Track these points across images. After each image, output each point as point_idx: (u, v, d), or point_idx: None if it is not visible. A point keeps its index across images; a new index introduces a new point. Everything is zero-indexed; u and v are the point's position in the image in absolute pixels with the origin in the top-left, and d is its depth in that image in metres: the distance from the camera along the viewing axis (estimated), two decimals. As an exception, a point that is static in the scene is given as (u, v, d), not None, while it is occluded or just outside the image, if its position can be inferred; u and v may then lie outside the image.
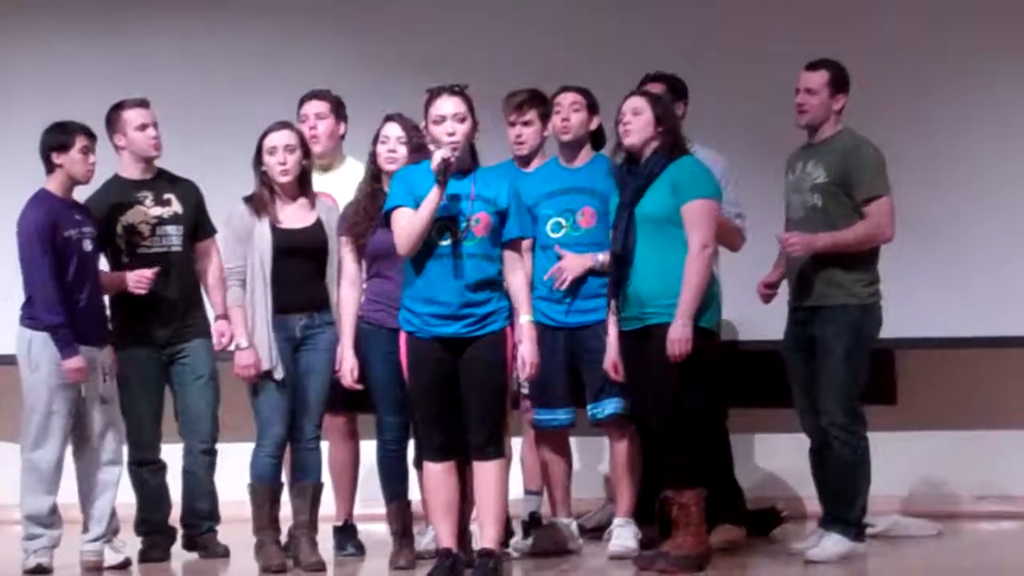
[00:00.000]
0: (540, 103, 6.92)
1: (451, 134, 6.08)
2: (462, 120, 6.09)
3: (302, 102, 7.10)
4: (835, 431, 6.54)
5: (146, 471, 6.99)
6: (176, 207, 6.99)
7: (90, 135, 6.70)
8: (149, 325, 6.91)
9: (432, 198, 6.03)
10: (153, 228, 6.96)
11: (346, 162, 7.15)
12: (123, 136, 6.98)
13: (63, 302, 6.57)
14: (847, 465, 6.55)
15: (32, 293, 6.63)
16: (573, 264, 6.73)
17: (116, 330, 6.88)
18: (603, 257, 6.61)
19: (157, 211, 6.97)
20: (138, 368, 6.90)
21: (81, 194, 6.87)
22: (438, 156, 6.04)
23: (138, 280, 6.84)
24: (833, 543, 6.54)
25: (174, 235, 6.97)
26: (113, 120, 6.99)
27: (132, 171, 7.02)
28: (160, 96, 7.18)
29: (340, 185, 6.90)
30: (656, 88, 6.96)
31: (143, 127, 6.95)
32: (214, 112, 7.92)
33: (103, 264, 6.97)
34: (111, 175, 7.04)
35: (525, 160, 6.95)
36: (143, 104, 6.99)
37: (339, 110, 7.12)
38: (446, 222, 6.08)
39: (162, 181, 7.03)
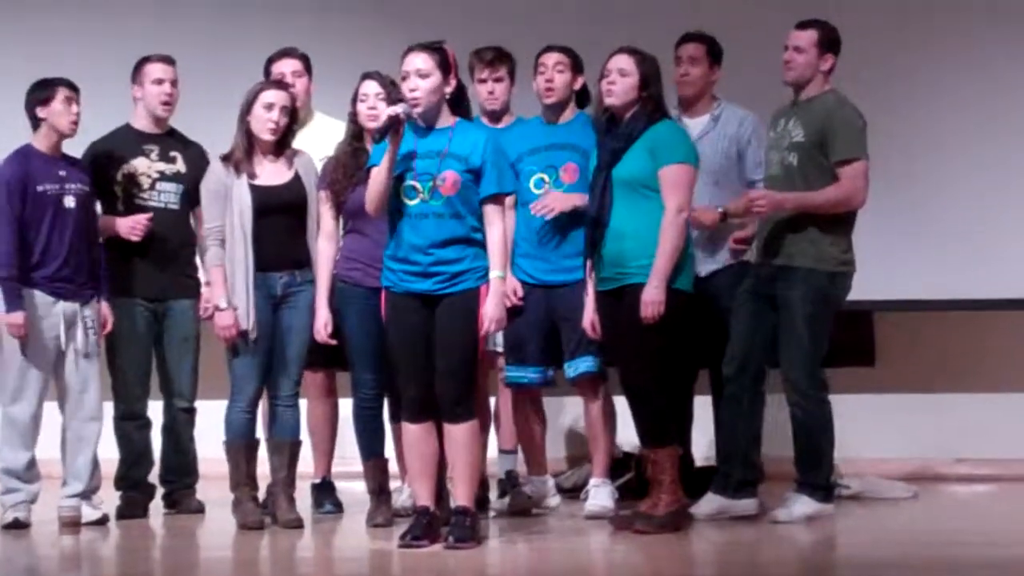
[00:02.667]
0: (509, 60, 6.93)
1: (412, 90, 6.08)
2: (425, 76, 6.07)
3: (272, 60, 7.09)
4: (796, 396, 6.55)
5: (131, 426, 7.01)
6: (180, 166, 7.00)
7: (72, 87, 6.72)
8: (138, 278, 6.94)
9: (385, 158, 6.04)
10: (153, 182, 6.99)
11: (315, 117, 7.16)
12: (140, 87, 7.04)
13: (16, 256, 6.60)
14: (809, 429, 6.57)
15: None
16: (560, 198, 6.70)
17: (108, 281, 6.91)
18: None
19: (160, 166, 7.01)
20: (127, 321, 6.92)
21: (88, 139, 6.92)
22: (385, 113, 6.05)
23: (132, 227, 6.87)
24: (800, 505, 6.56)
25: (172, 193, 6.97)
26: (136, 70, 7.06)
27: (143, 123, 7.06)
28: (132, 59, 7.19)
29: (314, 141, 6.90)
30: (692, 50, 6.98)
31: (159, 81, 7.00)
32: (190, 71, 7.91)
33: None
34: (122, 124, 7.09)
35: (496, 116, 6.94)
36: (165, 60, 7.05)
37: (309, 67, 7.13)
38: (413, 181, 6.10)
39: (172, 139, 7.07)
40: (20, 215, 6.64)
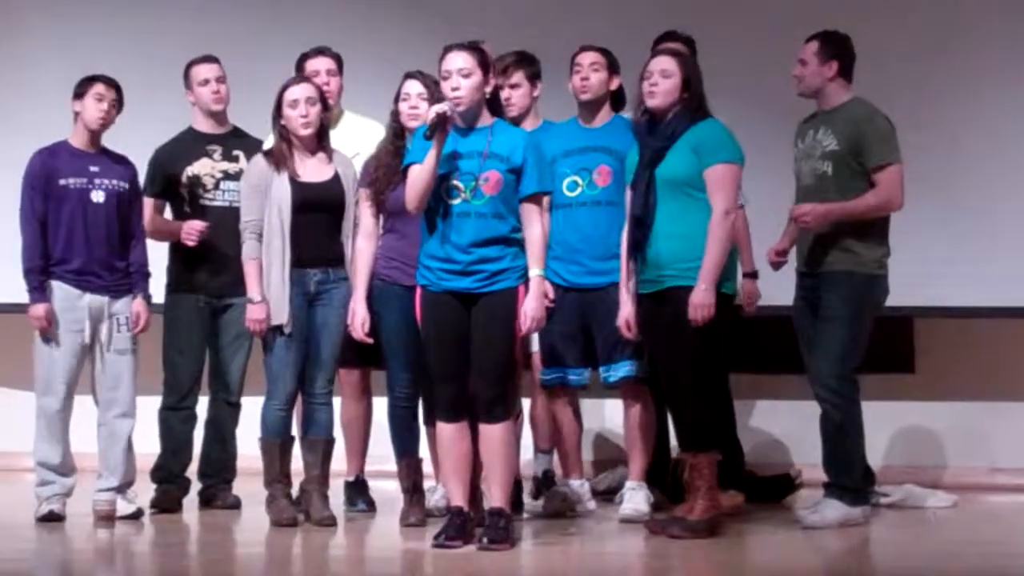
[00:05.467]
0: (527, 64, 6.92)
1: (455, 89, 6.07)
2: (467, 76, 6.07)
3: (305, 58, 7.12)
4: (824, 394, 6.54)
5: (177, 417, 7.06)
6: (243, 164, 7.05)
7: (109, 84, 6.74)
8: (201, 274, 7.03)
9: (430, 155, 6.04)
10: (217, 182, 7.07)
11: (345, 116, 7.17)
12: (191, 92, 7.14)
13: (39, 250, 6.66)
14: (836, 430, 6.54)
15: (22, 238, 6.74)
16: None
17: (170, 276, 7.04)
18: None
19: (224, 165, 7.08)
20: (185, 315, 7.00)
21: (152, 144, 7.03)
22: (432, 111, 6.04)
23: (188, 232, 6.95)
24: (831, 509, 6.53)
25: (236, 191, 6.99)
26: (185, 76, 7.16)
27: (203, 125, 7.16)
28: (175, 55, 7.30)
29: (344, 139, 6.91)
30: (677, 48, 6.96)
31: (205, 82, 7.10)
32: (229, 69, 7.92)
33: (167, 213, 7.14)
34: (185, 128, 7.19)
35: (515, 122, 6.89)
36: (208, 60, 7.15)
37: (341, 66, 7.16)
38: (456, 180, 6.08)
39: (233, 137, 7.15)
40: (43, 209, 6.68)
